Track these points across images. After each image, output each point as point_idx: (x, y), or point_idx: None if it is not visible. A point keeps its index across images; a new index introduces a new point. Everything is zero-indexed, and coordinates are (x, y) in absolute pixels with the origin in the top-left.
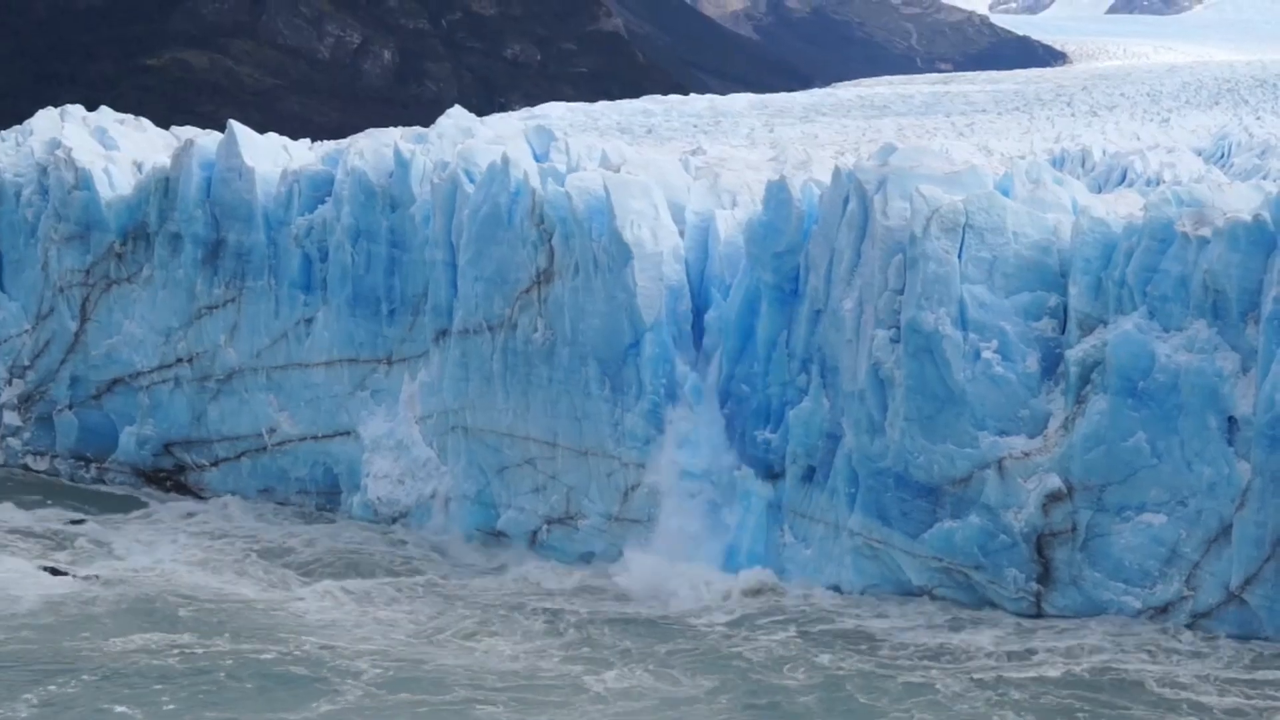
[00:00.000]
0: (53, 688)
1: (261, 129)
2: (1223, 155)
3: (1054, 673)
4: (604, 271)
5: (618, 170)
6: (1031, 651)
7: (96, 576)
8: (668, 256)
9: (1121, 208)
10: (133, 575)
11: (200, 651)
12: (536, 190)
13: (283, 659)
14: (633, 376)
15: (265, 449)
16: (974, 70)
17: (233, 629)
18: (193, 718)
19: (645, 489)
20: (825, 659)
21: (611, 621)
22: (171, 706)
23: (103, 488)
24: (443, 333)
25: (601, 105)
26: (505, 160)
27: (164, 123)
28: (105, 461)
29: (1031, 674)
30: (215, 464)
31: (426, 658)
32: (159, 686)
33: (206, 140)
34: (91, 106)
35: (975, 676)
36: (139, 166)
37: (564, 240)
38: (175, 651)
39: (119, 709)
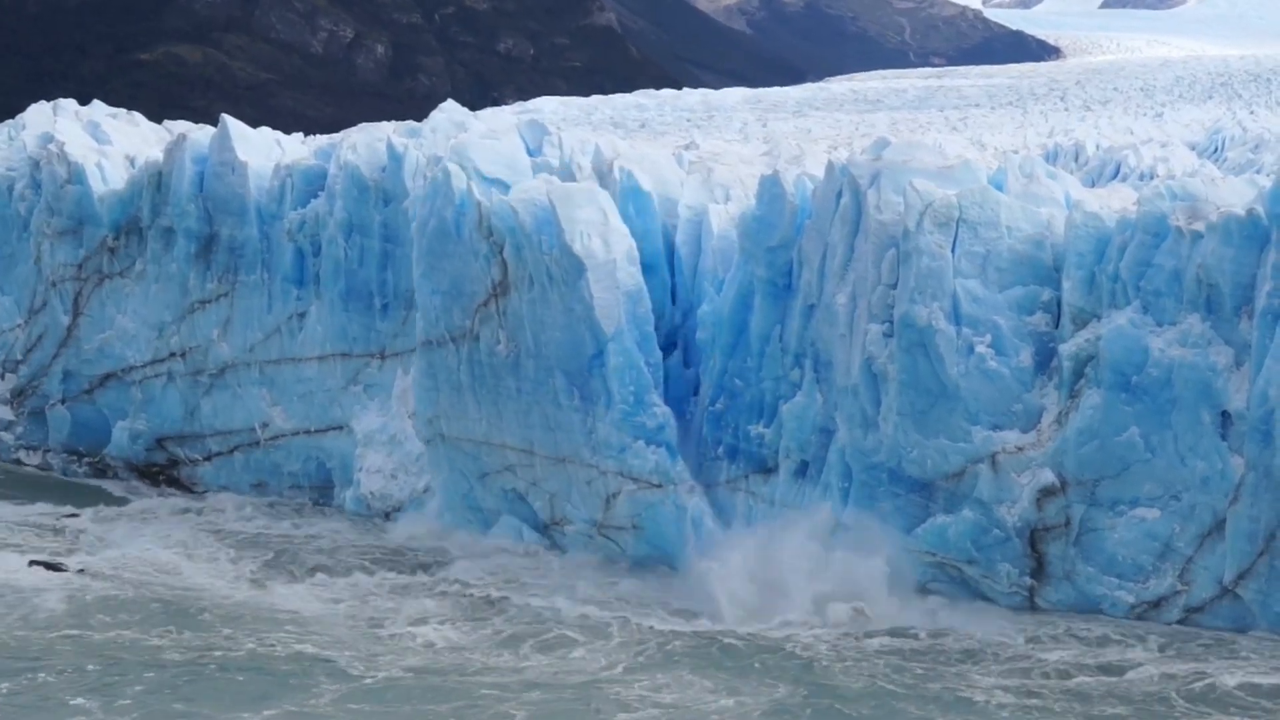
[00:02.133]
0: (31, 679)
1: (254, 123)
2: (1216, 149)
3: (1091, 676)
4: (559, 284)
5: (610, 166)
6: (1041, 651)
7: (83, 571)
8: (622, 262)
9: (1115, 202)
10: (124, 570)
11: (184, 646)
12: (482, 203)
13: (267, 655)
14: (600, 387)
15: (258, 444)
16: (967, 65)
17: (220, 623)
18: (153, 710)
19: (625, 496)
20: (844, 663)
21: (617, 622)
22: (127, 701)
23: (95, 482)
24: None
25: (595, 99)
26: (446, 174)
27: (157, 118)
28: (98, 456)
29: (1051, 675)
30: (208, 459)
31: (416, 657)
32: (133, 679)
33: (199, 135)
34: (84, 102)
35: (996, 678)
36: (131, 161)
37: (515, 252)
38: (158, 645)
39: (78, 700)
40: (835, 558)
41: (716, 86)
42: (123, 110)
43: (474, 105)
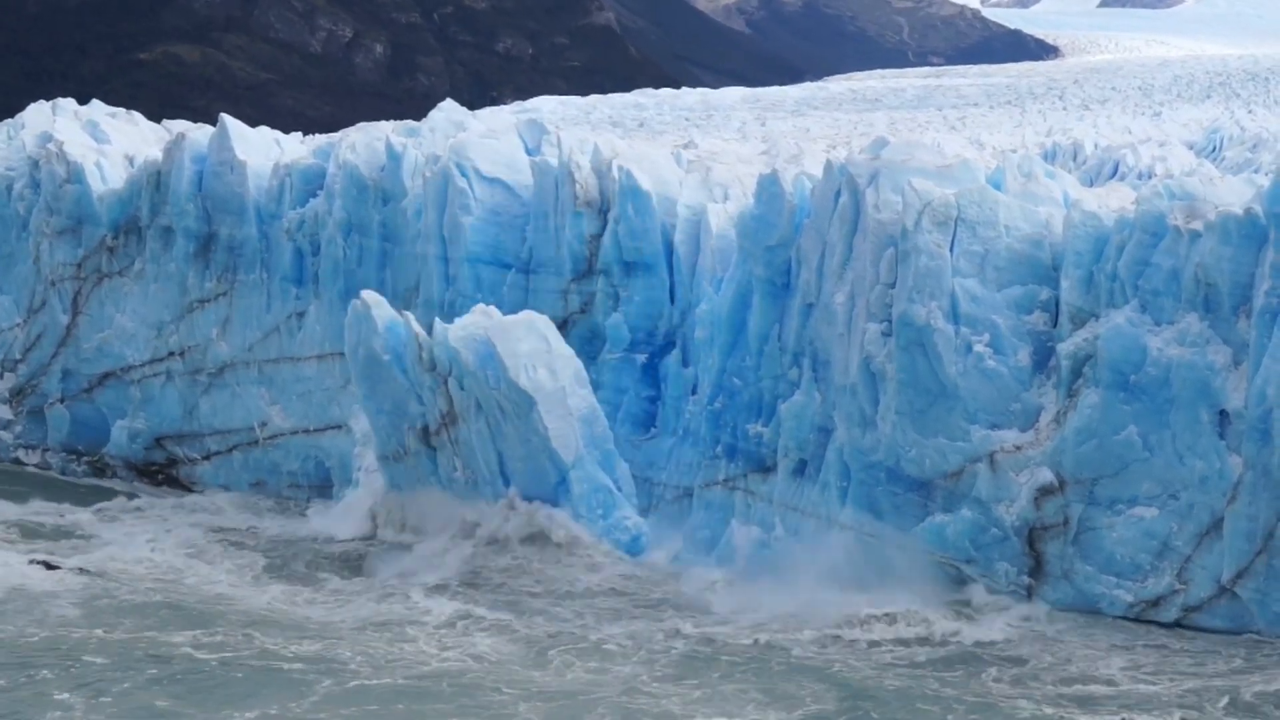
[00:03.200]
0: (21, 676)
1: (253, 123)
2: (1214, 149)
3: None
4: (511, 417)
5: (609, 165)
6: (1057, 655)
7: (83, 569)
8: (571, 386)
9: (1113, 201)
10: (122, 569)
11: (179, 644)
12: (421, 337)
13: (262, 654)
14: (568, 504)
15: (257, 443)
16: (966, 64)
17: (217, 623)
18: (135, 707)
19: None
20: (865, 668)
21: (636, 632)
22: (108, 699)
23: (94, 481)
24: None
25: (593, 99)
26: (367, 305)
27: (156, 117)
28: (97, 455)
29: (1072, 681)
30: (207, 458)
31: (420, 660)
32: (123, 676)
33: (198, 134)
34: (83, 101)
35: (1010, 684)
36: (130, 160)
37: (460, 385)
38: (154, 644)
39: (62, 696)
40: (840, 560)
41: (715, 86)
42: (122, 110)
43: (473, 105)
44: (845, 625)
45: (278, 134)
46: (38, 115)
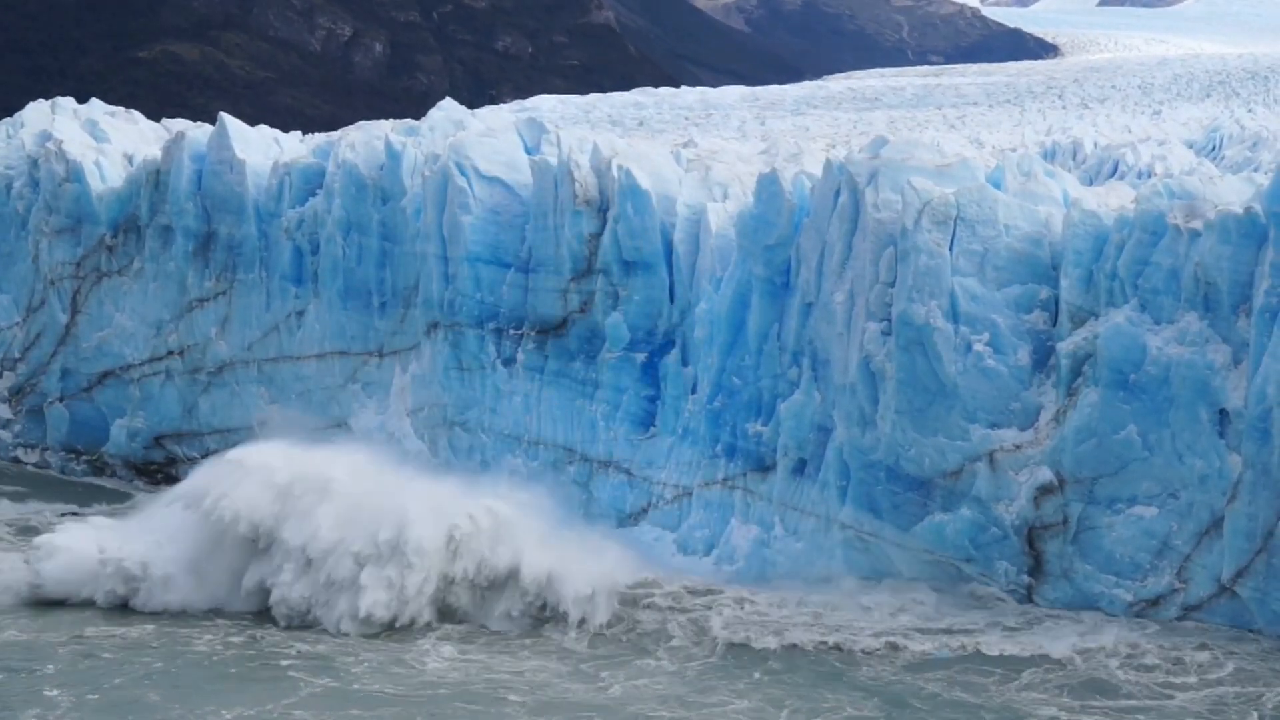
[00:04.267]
0: (13, 672)
1: (252, 121)
2: (1214, 148)
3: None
4: None
5: (608, 165)
6: (1046, 653)
7: None
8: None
9: (1113, 200)
10: None
11: (177, 642)
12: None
13: (257, 654)
14: None
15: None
16: (965, 63)
17: (213, 621)
18: (120, 703)
19: None
20: (888, 672)
21: (663, 634)
22: (96, 696)
23: (93, 480)
24: (434, 325)
25: (593, 98)
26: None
27: (155, 116)
28: (96, 454)
29: (1094, 692)
30: (206, 456)
31: (404, 659)
32: (115, 673)
33: (197, 133)
34: (83, 100)
35: (1035, 691)
36: (130, 159)
37: None
38: (150, 642)
39: (52, 693)
40: (830, 551)
41: (714, 85)
42: (121, 108)
43: (472, 103)
44: (854, 628)
45: (277, 133)
46: (37, 114)
